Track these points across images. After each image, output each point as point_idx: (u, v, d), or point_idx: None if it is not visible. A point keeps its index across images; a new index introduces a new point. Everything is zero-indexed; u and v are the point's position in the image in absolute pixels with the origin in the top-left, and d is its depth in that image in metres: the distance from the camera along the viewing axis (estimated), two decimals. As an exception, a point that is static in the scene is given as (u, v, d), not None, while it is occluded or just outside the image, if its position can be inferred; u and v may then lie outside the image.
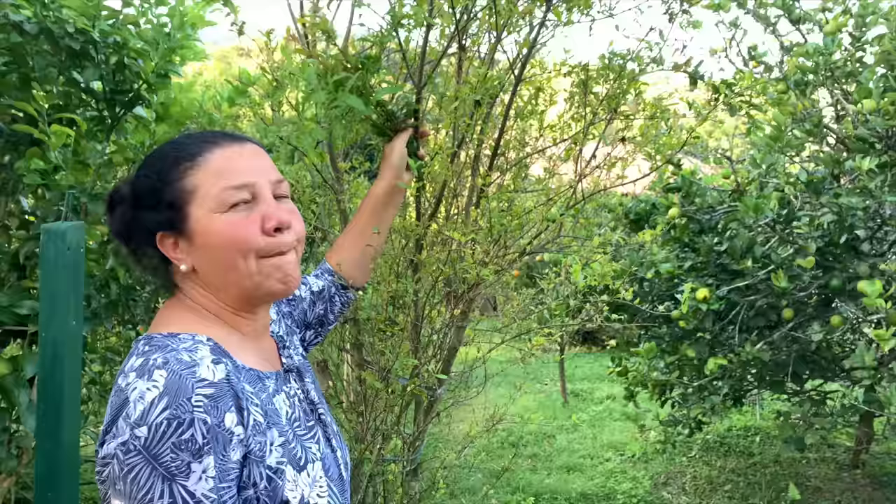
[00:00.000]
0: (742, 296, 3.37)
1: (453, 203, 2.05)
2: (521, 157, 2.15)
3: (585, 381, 8.10)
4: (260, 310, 1.11)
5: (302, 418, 1.08)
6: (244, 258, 1.01)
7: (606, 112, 2.08)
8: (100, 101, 2.20)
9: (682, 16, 2.14)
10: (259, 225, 1.01)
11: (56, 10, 1.90)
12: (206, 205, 1.01)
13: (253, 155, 1.08)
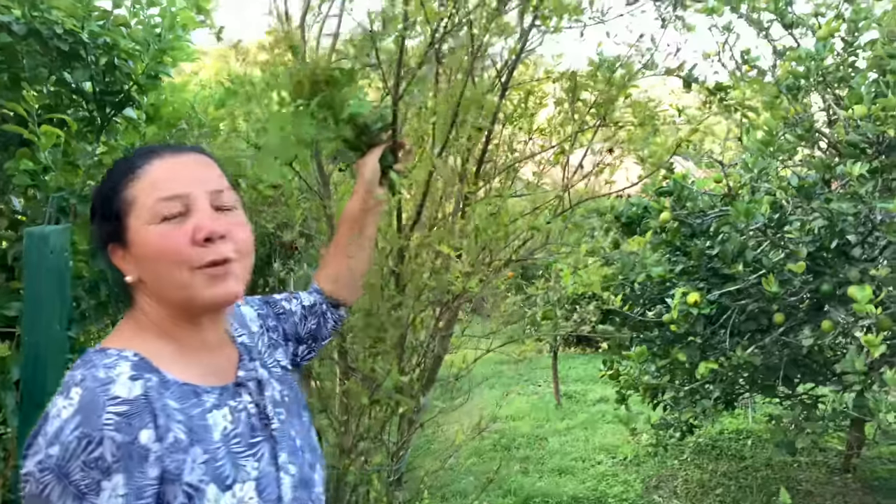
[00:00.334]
0: (733, 300, 3.37)
1: (439, 210, 2.04)
2: (510, 164, 2.14)
3: (579, 383, 8.11)
4: (204, 321, 1.09)
5: (245, 434, 1.06)
6: (176, 270, 1.01)
7: (595, 119, 2.07)
8: (90, 102, 2.19)
9: (675, 20, 2.14)
10: (190, 236, 1.01)
11: (45, 12, 1.89)
12: (141, 216, 1.02)
13: (193, 165, 1.08)
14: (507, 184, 2.26)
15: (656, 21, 2.30)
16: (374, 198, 1.53)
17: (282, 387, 1.21)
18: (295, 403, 1.22)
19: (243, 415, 1.07)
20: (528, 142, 2.30)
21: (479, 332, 2.80)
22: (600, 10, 2.09)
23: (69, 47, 1.93)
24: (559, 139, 2.16)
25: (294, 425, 1.16)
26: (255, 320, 1.32)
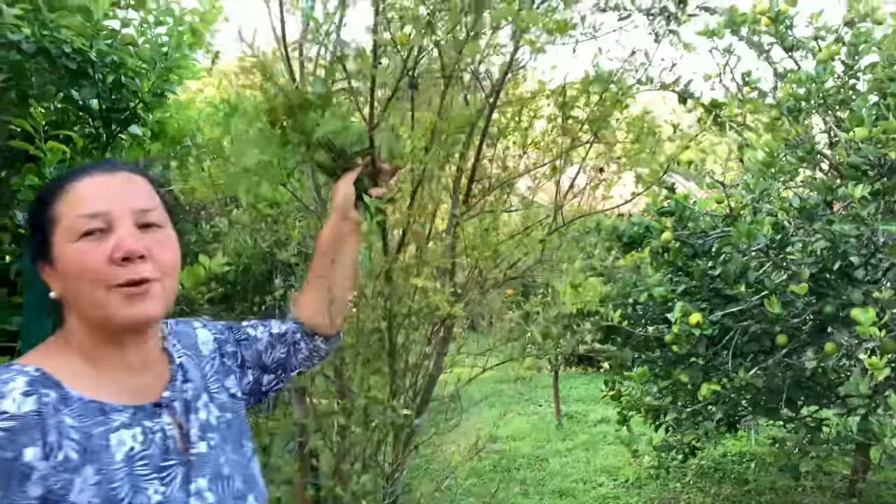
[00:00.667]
0: (736, 321, 3.37)
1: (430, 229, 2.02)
2: (503, 181, 2.13)
3: (580, 403, 8.06)
4: (126, 342, 1.08)
5: (155, 456, 1.04)
6: (93, 288, 1.00)
7: (589, 135, 2.06)
8: (96, 119, 2.21)
9: (669, 35, 2.15)
10: (108, 254, 1.01)
11: (55, 30, 1.92)
12: (62, 233, 1.02)
13: (120, 184, 1.08)
14: (501, 200, 2.25)
15: (650, 36, 2.30)
16: (349, 223, 1.49)
17: (221, 413, 1.20)
18: (236, 432, 1.20)
19: (158, 436, 1.05)
20: (521, 156, 2.29)
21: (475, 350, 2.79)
22: (592, 26, 2.10)
23: (77, 65, 1.96)
24: (552, 156, 2.15)
25: (227, 452, 1.14)
26: (210, 343, 1.30)
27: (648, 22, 2.15)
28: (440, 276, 1.97)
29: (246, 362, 1.35)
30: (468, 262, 2.00)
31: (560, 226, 2.10)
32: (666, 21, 2.14)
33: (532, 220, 2.16)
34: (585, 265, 2.35)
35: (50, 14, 1.95)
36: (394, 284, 1.74)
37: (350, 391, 2.02)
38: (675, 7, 2.17)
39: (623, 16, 2.14)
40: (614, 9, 2.11)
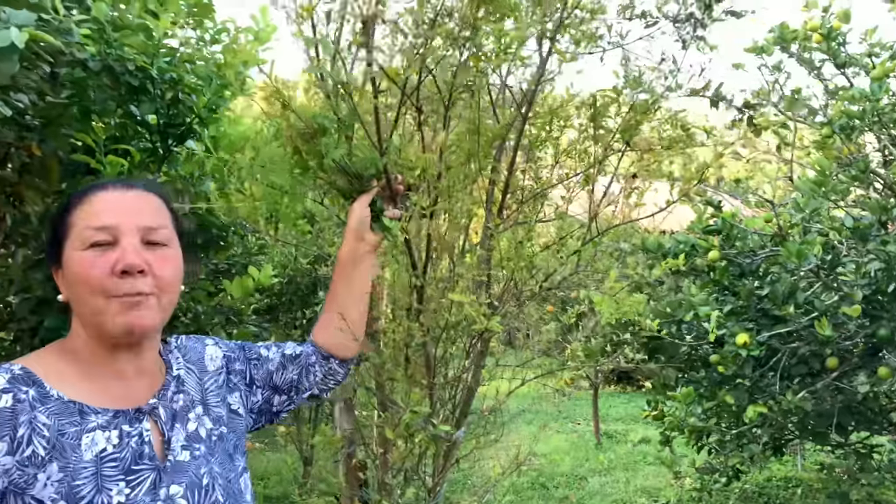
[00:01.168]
0: (784, 342, 3.29)
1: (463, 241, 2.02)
2: (535, 193, 2.12)
3: (620, 422, 7.96)
4: (120, 353, 1.13)
5: (126, 459, 1.07)
6: (92, 295, 1.07)
7: (621, 144, 2.05)
8: (153, 134, 2.28)
9: (696, 41, 2.14)
10: (110, 266, 1.07)
11: (118, 49, 1.99)
12: (73, 241, 1.10)
13: (133, 200, 1.14)
14: (535, 211, 2.24)
15: (677, 42, 2.28)
16: (364, 245, 1.51)
17: (214, 426, 1.23)
18: (228, 446, 1.24)
19: (134, 440, 1.09)
20: (554, 166, 2.28)
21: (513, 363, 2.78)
22: (619, 34, 2.10)
23: (138, 82, 2.03)
24: (584, 166, 2.14)
25: (212, 464, 1.17)
26: (218, 360, 1.34)
27: (675, 29, 2.15)
28: (476, 289, 1.97)
29: (255, 381, 1.39)
30: (503, 275, 2.00)
31: (595, 236, 2.09)
32: (692, 27, 2.13)
33: (566, 230, 2.16)
34: (622, 275, 2.33)
35: (114, 33, 2.03)
36: (426, 299, 1.75)
37: (392, 403, 2.04)
38: (701, 13, 2.15)
39: (649, 23, 2.14)
40: (641, 16, 2.11)
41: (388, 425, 1.80)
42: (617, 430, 7.56)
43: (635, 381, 9.44)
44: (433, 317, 1.77)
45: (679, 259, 2.83)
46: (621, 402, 8.96)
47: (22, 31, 1.40)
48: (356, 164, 1.55)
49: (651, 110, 1.99)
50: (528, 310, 2.37)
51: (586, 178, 2.09)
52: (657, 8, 2.15)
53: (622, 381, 9.75)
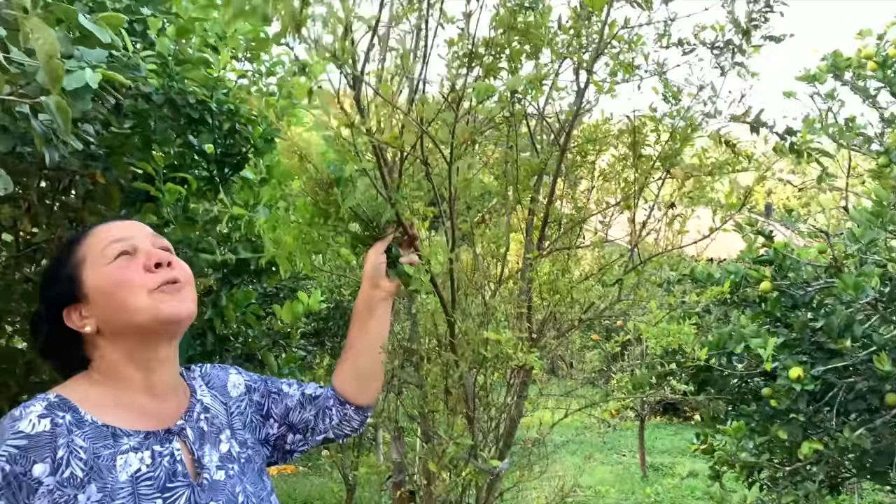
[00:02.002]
0: (840, 377, 3.19)
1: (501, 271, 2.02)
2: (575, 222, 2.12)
3: (666, 455, 7.78)
4: (155, 360, 1.19)
5: (160, 478, 1.12)
6: (134, 295, 1.13)
7: (661, 171, 2.04)
8: (210, 163, 2.37)
9: (735, 68, 2.12)
10: (142, 265, 1.15)
11: (180, 82, 2.08)
12: (95, 264, 1.16)
13: (129, 223, 1.25)
14: (574, 240, 2.23)
15: (716, 69, 2.27)
16: (380, 292, 1.53)
17: (241, 449, 1.28)
18: (256, 468, 1.29)
19: (166, 460, 1.14)
20: (591, 190, 2.28)
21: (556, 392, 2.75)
22: (657, 63, 2.09)
23: (198, 114, 2.11)
24: (624, 194, 2.13)
25: (245, 483, 1.22)
26: (240, 387, 1.39)
27: (713, 56, 2.13)
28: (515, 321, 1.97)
29: (272, 415, 1.42)
30: (543, 305, 2.00)
31: (636, 264, 2.07)
32: (731, 54, 2.12)
33: (607, 259, 2.15)
34: (667, 304, 2.30)
35: (177, 67, 2.12)
36: (459, 335, 1.75)
37: (435, 434, 2.04)
38: (739, 39, 2.13)
39: (687, 50, 2.13)
40: (678, 44, 2.11)
41: (431, 457, 1.80)
42: (663, 463, 7.38)
43: (682, 413, 9.22)
44: (469, 352, 1.77)
45: (725, 286, 2.77)
46: (668, 433, 8.75)
47: (95, 70, 1.47)
48: (370, 210, 1.58)
49: (691, 137, 1.99)
50: (572, 338, 2.35)
51: (626, 205, 2.09)
52: (694, 35, 2.15)
53: (669, 412, 9.53)
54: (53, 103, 1.02)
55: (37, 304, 1.23)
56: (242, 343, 2.66)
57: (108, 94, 1.97)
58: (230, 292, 2.43)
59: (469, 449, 1.83)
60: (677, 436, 8.50)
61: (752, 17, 2.09)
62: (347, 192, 1.56)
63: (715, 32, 2.14)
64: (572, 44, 1.90)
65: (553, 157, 2.00)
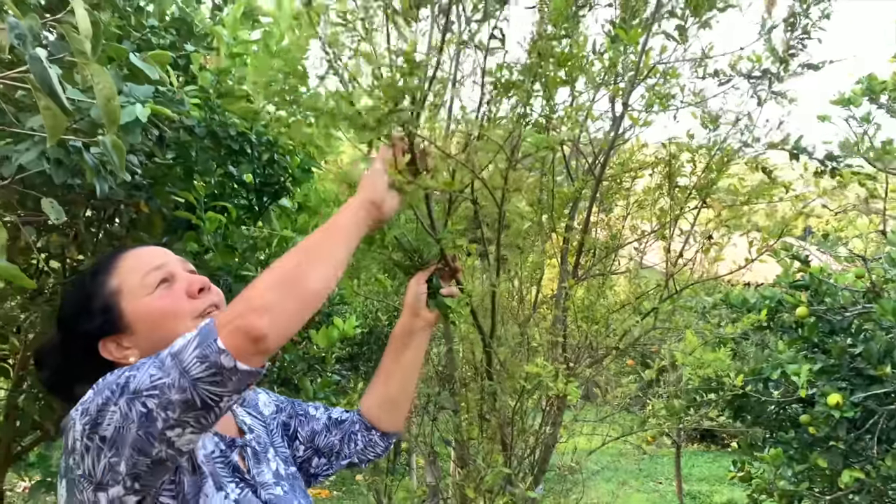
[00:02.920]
0: (880, 403, 3.12)
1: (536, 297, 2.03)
2: (610, 250, 2.13)
3: (704, 483, 7.62)
4: None
5: (230, 466, 1.15)
6: (182, 322, 1.13)
7: (698, 201, 2.05)
8: (250, 192, 2.44)
9: (773, 97, 2.12)
10: (185, 290, 1.16)
11: (221, 114, 2.16)
12: (135, 295, 1.15)
13: (155, 248, 1.26)
14: (609, 268, 2.24)
15: (753, 98, 2.26)
16: (420, 321, 1.51)
17: (286, 466, 1.30)
18: (301, 483, 1.32)
19: (230, 458, 1.17)
20: (627, 222, 2.29)
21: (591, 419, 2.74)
22: (692, 93, 2.10)
23: (238, 145, 2.19)
24: (660, 222, 2.14)
25: (298, 498, 1.24)
26: (270, 406, 1.41)
27: (750, 86, 2.13)
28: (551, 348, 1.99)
29: (298, 437, 1.42)
30: (579, 332, 2.01)
31: (672, 293, 2.07)
32: (768, 82, 2.11)
33: (643, 287, 2.15)
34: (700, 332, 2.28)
35: (218, 100, 2.20)
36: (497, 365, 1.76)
37: (471, 459, 2.05)
38: (776, 68, 2.13)
39: (723, 81, 2.13)
40: (714, 75, 2.11)
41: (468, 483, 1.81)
42: (700, 491, 7.23)
43: (720, 440, 9.04)
44: (507, 382, 1.78)
45: (762, 314, 2.74)
46: (705, 461, 8.57)
47: (145, 106, 1.55)
48: (413, 240, 1.60)
49: (727, 167, 1.99)
50: (607, 364, 2.35)
51: (661, 234, 2.10)
52: (730, 66, 2.15)
53: (706, 439, 9.34)
54: (110, 142, 1.07)
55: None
56: (278, 368, 2.71)
57: (153, 126, 2.05)
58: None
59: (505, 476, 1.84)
60: (715, 463, 8.33)
61: (789, 46, 2.09)
62: (392, 221, 1.59)
63: (752, 62, 2.14)
64: (608, 73, 1.92)
65: (588, 186, 2.02)
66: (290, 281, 1.02)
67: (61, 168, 1.49)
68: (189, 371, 0.93)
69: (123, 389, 0.94)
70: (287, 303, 1.00)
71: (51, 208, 1.58)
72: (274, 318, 0.96)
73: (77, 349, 1.17)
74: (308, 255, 1.08)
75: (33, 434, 2.67)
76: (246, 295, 1.00)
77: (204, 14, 2.70)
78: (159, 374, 0.94)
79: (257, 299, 0.98)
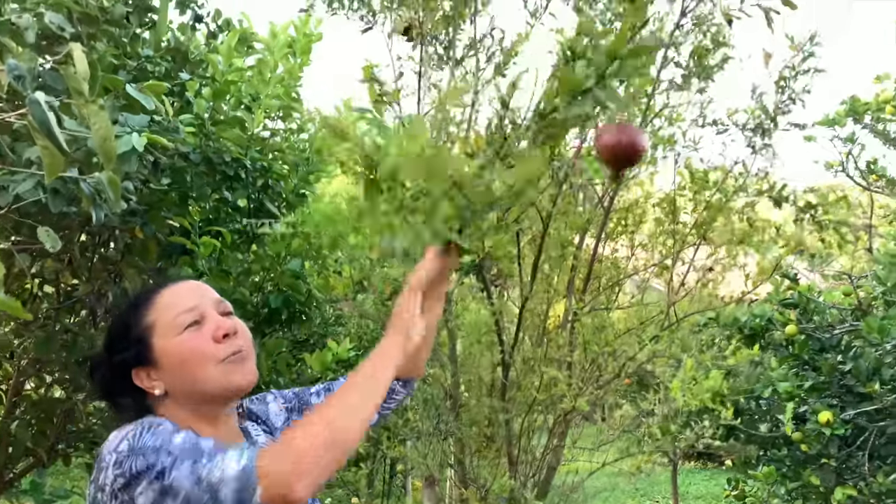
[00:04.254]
0: (871, 420, 3.15)
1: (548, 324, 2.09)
2: (615, 280, 2.20)
3: (700, 501, 7.60)
4: (220, 417, 1.24)
5: None
6: (205, 366, 1.17)
7: (696, 238, 2.13)
8: (244, 217, 2.46)
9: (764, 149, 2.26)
10: (211, 335, 1.18)
11: (216, 141, 2.19)
12: (166, 333, 1.19)
13: (194, 286, 1.27)
14: (614, 298, 2.31)
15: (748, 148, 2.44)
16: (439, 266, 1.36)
17: None
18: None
19: None
20: (631, 256, 2.37)
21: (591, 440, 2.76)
22: (692, 140, 2.23)
23: (233, 171, 2.21)
24: (661, 255, 2.23)
25: None
26: (282, 414, 1.41)
27: (745, 137, 2.31)
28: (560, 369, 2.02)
29: None
30: (584, 357, 2.05)
31: (672, 323, 2.13)
32: (761, 136, 2.28)
33: (645, 317, 2.21)
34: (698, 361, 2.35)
35: (213, 127, 2.23)
36: (513, 376, 1.79)
37: (472, 481, 2.06)
38: (767, 123, 2.30)
39: (720, 130, 2.30)
40: (713, 124, 2.27)
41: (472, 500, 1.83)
42: (697, 510, 7.21)
43: (716, 457, 9.02)
44: (520, 394, 1.81)
45: (754, 350, 2.82)
46: (702, 478, 8.56)
47: (141, 135, 1.58)
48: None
49: (724, 208, 2.08)
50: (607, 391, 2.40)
51: (664, 266, 2.16)
52: (728, 116, 2.32)
53: (702, 457, 9.33)
54: (106, 178, 1.10)
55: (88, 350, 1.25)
56: (273, 391, 2.72)
57: (149, 153, 2.08)
58: (262, 341, 2.49)
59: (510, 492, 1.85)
60: (711, 481, 8.31)
61: (778, 106, 2.25)
62: None
63: (746, 115, 2.31)
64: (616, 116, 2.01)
65: (596, 218, 2.10)
66: (341, 443, 1.07)
67: (58, 197, 1.52)
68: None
69: (158, 476, 1.01)
70: (332, 464, 1.06)
71: (47, 237, 1.60)
72: (315, 480, 1.02)
73: (115, 371, 1.24)
74: (357, 415, 1.12)
75: (25, 461, 2.67)
76: (298, 448, 1.04)
77: (199, 41, 2.74)
78: (193, 487, 1.01)
79: (308, 461, 1.02)
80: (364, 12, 2.17)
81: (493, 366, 1.83)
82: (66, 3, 1.90)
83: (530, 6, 2.01)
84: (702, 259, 2.22)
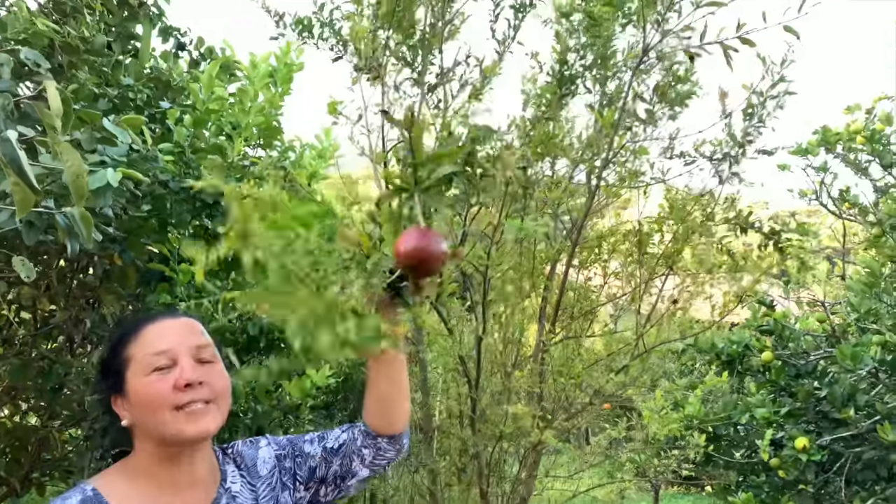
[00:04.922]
0: (847, 446, 3.18)
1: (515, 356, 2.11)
2: (585, 311, 2.23)
3: (683, 527, 7.57)
4: (183, 459, 1.26)
5: None
6: (161, 411, 1.20)
7: (664, 268, 2.16)
8: (223, 244, 2.47)
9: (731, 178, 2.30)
10: (172, 383, 1.21)
11: (196, 169, 2.20)
12: (136, 370, 1.23)
13: (180, 327, 1.29)
14: (586, 326, 2.34)
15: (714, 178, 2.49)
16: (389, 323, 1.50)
17: None
18: None
19: None
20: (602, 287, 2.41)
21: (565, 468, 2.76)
22: (661, 171, 2.28)
23: (212, 199, 2.23)
24: (631, 287, 2.27)
25: None
26: (270, 461, 1.42)
27: (712, 166, 2.35)
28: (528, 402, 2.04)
29: (298, 478, 1.45)
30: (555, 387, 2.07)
31: (641, 353, 2.16)
32: (728, 165, 2.32)
33: (616, 347, 2.23)
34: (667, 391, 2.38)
35: (192, 155, 2.25)
36: (480, 410, 1.80)
37: (445, 510, 2.06)
38: (735, 152, 2.35)
39: (688, 161, 2.34)
40: (680, 156, 2.32)
41: None
42: (680, 535, 7.18)
43: (699, 481, 9.01)
44: (488, 427, 1.82)
45: (723, 377, 2.86)
46: (686, 503, 8.54)
47: (116, 170, 1.59)
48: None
49: (691, 239, 2.12)
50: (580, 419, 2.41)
51: (633, 297, 2.20)
52: (695, 148, 2.36)
53: (685, 481, 9.32)
54: (78, 214, 1.11)
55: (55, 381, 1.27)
56: (251, 419, 2.70)
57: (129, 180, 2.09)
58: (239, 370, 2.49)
59: None
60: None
61: (747, 133, 2.29)
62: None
63: (713, 147, 2.35)
64: (586, 152, 2.04)
65: (566, 250, 2.12)
66: None
67: (33, 230, 1.52)
68: None
69: None
70: None
71: (21, 266, 1.60)
72: None
73: (101, 391, 1.30)
74: None
75: (-1, 490, 2.63)
76: None
77: (182, 68, 2.77)
78: None
79: None
80: (334, 42, 2.21)
81: (461, 397, 1.85)
82: (47, 33, 1.92)
83: (499, 35, 2.06)
84: (669, 290, 2.26)
